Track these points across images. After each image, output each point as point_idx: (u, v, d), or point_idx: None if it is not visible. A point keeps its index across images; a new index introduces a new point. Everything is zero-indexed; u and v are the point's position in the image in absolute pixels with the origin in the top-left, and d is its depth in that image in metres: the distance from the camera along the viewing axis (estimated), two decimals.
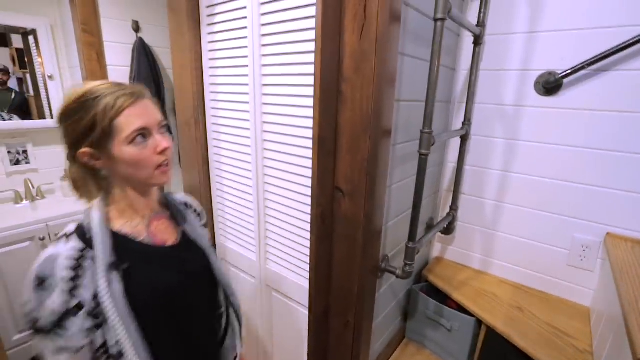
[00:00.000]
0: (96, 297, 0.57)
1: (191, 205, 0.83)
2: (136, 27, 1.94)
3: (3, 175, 1.83)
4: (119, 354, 0.58)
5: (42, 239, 1.63)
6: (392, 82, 0.82)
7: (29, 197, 1.87)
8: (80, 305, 0.56)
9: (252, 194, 1.15)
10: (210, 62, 1.16)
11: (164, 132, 0.65)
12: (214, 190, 1.31)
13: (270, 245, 1.15)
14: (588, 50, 0.94)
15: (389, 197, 0.95)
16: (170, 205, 0.75)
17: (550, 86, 1.01)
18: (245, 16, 0.98)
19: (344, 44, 0.80)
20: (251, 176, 1.13)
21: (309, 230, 0.98)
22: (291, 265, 1.10)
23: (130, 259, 0.61)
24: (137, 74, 1.90)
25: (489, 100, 1.14)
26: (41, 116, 2.01)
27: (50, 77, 1.96)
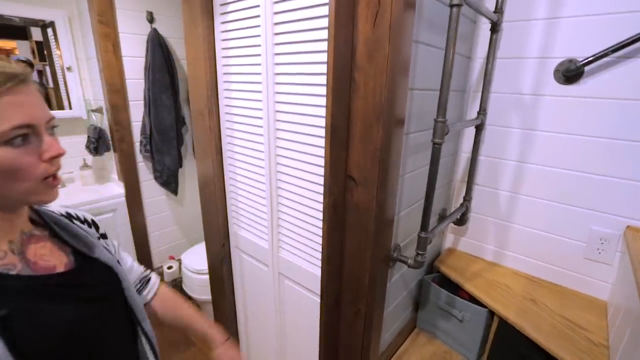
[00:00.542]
0: None
1: (77, 216, 0.66)
2: (150, 18, 1.96)
3: None
4: None
5: None
6: (406, 70, 0.81)
7: None
8: None
9: (264, 182, 1.16)
10: (224, 51, 1.17)
11: (53, 133, 0.50)
12: (227, 179, 1.33)
13: (282, 233, 1.16)
14: (612, 36, 0.90)
15: (401, 186, 0.94)
16: (47, 221, 0.58)
17: (570, 74, 0.98)
18: (257, 4, 0.98)
19: (357, 32, 0.79)
20: (264, 165, 1.14)
21: (320, 218, 0.99)
22: (303, 253, 1.11)
23: (7, 302, 0.46)
24: (151, 64, 1.92)
25: (505, 89, 1.12)
26: (60, 107, 2.08)
27: (68, 69, 2.01)
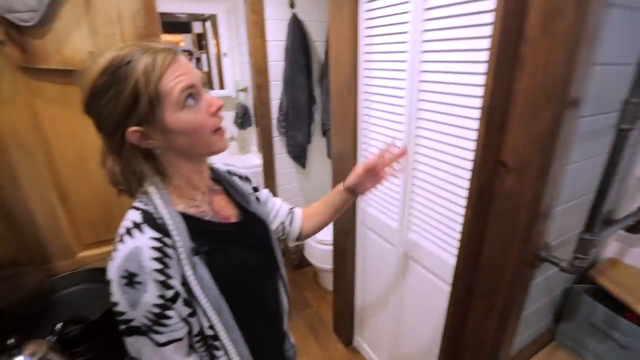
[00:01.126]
0: (185, 285, 0.54)
1: (235, 172, 0.76)
2: (292, 3, 2.09)
3: None
4: (213, 337, 0.57)
5: None
6: (591, 41, 0.68)
7: None
8: (177, 295, 0.53)
9: (399, 162, 1.15)
10: (367, 30, 1.18)
11: (207, 91, 0.57)
12: (359, 156, 1.37)
13: (413, 215, 1.15)
14: None
15: (563, 178, 0.82)
16: (221, 178, 0.69)
17: None
18: None
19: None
20: (400, 145, 1.13)
21: (460, 204, 0.95)
22: (435, 238, 1.08)
23: (206, 241, 0.57)
24: (290, 47, 2.07)
25: None
26: (213, 88, 2.48)
27: (225, 55, 2.34)
